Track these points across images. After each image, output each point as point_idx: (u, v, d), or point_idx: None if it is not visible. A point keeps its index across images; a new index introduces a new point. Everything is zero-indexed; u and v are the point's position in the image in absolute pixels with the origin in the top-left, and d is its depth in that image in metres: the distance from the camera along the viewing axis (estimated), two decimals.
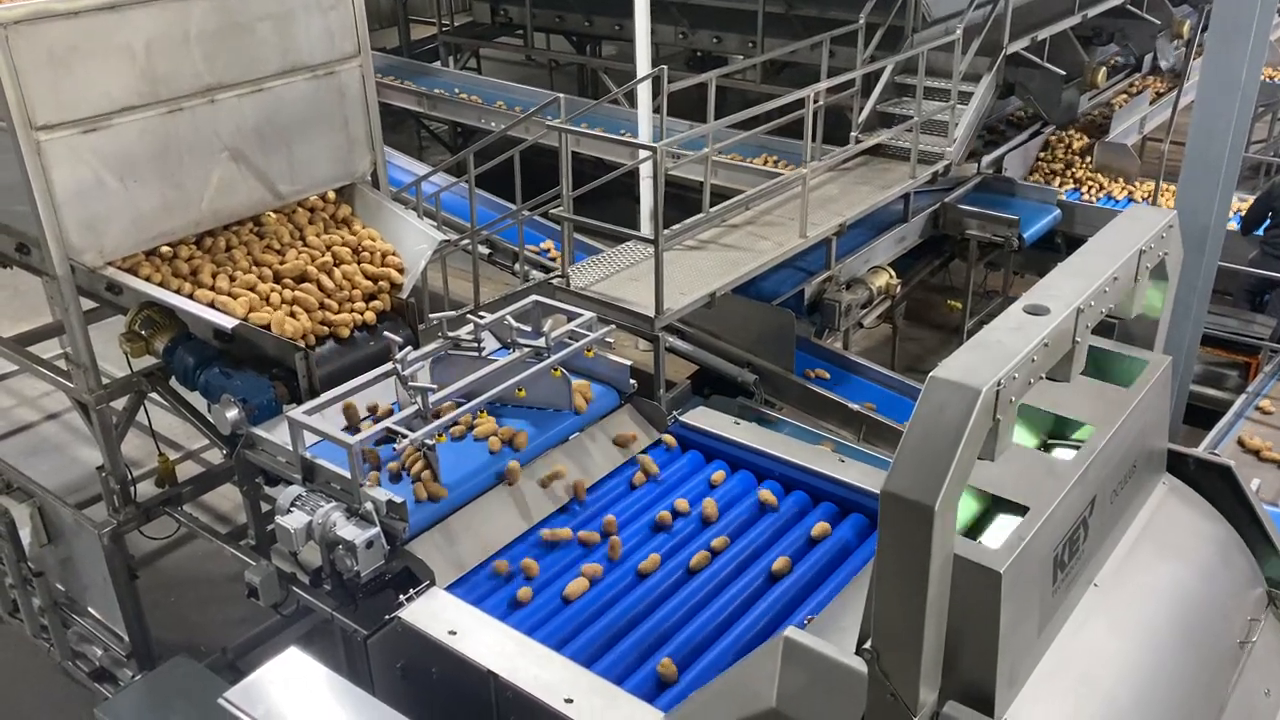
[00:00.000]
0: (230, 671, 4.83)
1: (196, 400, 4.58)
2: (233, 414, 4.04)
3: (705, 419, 4.39)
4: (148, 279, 4.33)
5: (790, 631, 2.43)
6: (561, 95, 6.19)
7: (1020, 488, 2.42)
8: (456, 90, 10.54)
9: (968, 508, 2.60)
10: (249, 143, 4.63)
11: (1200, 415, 6.65)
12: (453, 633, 3.24)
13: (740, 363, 6.46)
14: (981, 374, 2.04)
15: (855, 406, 6.10)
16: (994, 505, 2.60)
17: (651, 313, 5.43)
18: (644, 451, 4.23)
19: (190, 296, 4.32)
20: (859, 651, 2.25)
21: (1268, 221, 7.86)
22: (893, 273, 7.18)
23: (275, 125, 4.70)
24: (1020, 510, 2.37)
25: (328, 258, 4.65)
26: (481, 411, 3.98)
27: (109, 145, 4.18)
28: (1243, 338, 7.26)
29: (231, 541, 4.80)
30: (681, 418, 4.38)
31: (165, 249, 4.46)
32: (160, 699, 4.06)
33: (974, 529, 2.58)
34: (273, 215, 4.81)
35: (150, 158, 4.31)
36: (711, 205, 6.28)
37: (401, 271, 4.69)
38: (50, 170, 4.04)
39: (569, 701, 2.98)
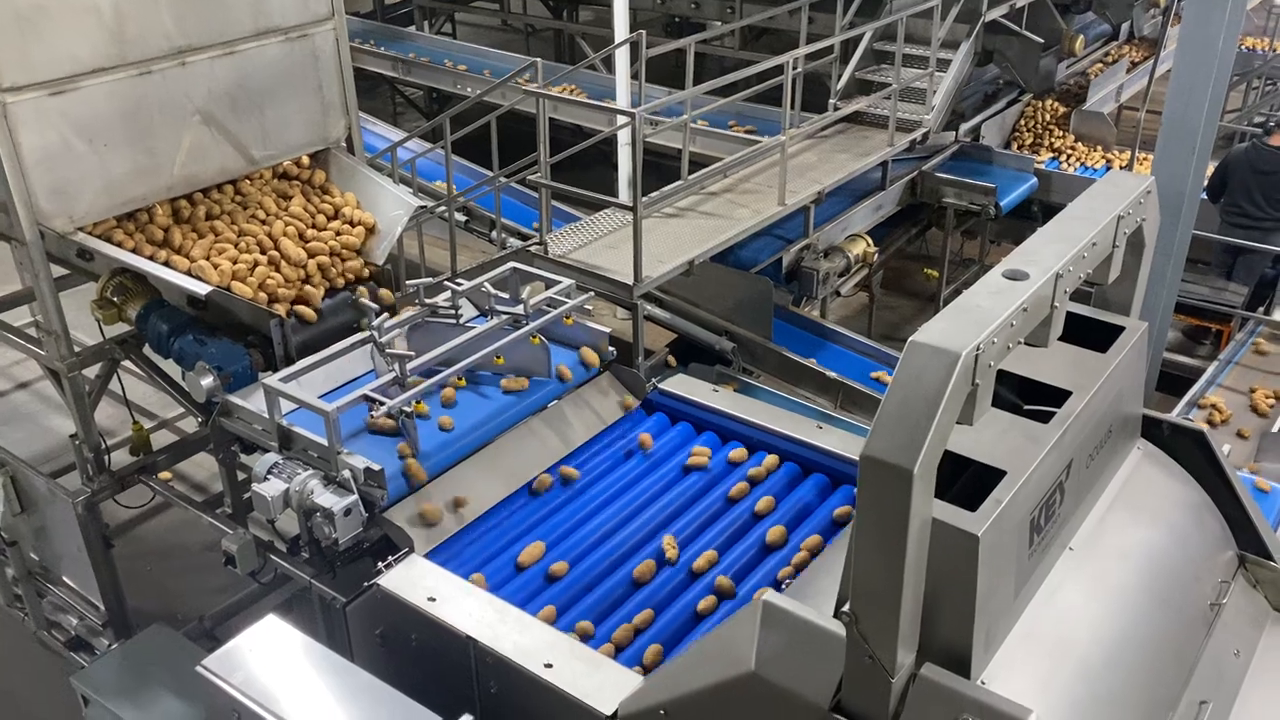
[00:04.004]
0: (208, 640, 4.83)
1: (171, 368, 4.54)
2: (207, 381, 4.00)
3: (684, 386, 4.39)
4: (120, 245, 4.27)
5: (768, 595, 2.44)
6: (539, 60, 6.13)
7: (997, 452, 2.44)
8: (446, 61, 10.38)
9: None
10: (221, 106, 4.55)
11: (1173, 382, 6.73)
12: (432, 599, 3.23)
13: (718, 331, 6.47)
14: (961, 338, 2.05)
15: (832, 374, 6.12)
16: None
17: (630, 280, 5.42)
18: (624, 419, 4.23)
19: (165, 264, 4.27)
20: (837, 614, 2.27)
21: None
22: (870, 241, 7.20)
23: (248, 89, 4.63)
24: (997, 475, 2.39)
25: (307, 225, 4.60)
26: (460, 379, 3.97)
27: (77, 108, 4.10)
28: (1215, 305, 7.33)
29: (208, 510, 4.77)
30: (661, 385, 4.38)
31: (141, 215, 4.39)
32: (137, 667, 4.05)
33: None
34: (253, 184, 4.74)
35: (120, 121, 4.24)
36: (690, 173, 6.25)
37: (374, 233, 4.65)
38: (17, 133, 3.96)
39: (549, 666, 2.99)
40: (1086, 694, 2.44)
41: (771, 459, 3.95)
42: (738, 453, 4.01)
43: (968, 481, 2.47)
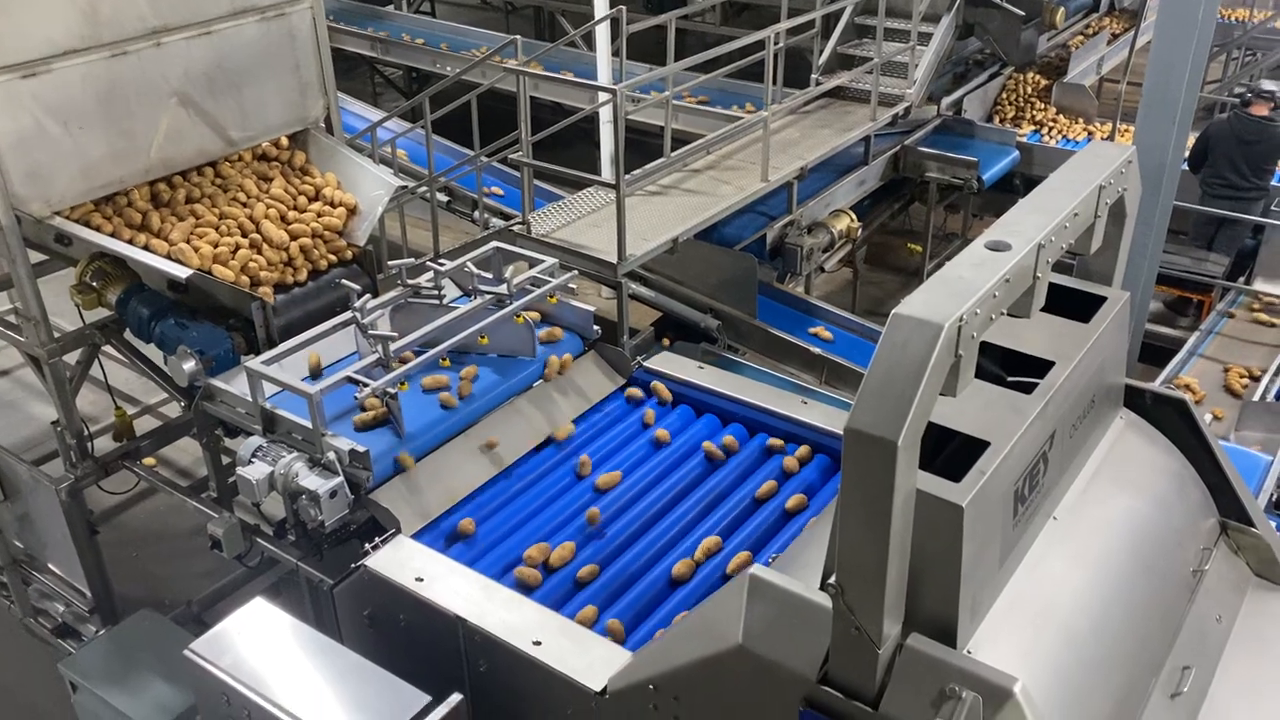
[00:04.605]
0: (196, 624, 4.82)
1: (153, 353, 4.50)
2: (189, 365, 3.98)
3: (669, 364, 4.39)
4: (98, 229, 4.23)
5: (755, 569, 2.45)
6: (519, 37, 6.07)
7: (981, 423, 2.44)
8: (422, 42, 10.30)
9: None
10: (198, 87, 4.50)
11: (1156, 353, 6.77)
12: (420, 579, 3.24)
13: (703, 308, 6.45)
14: (944, 310, 2.05)
15: (817, 350, 6.13)
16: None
17: (614, 259, 5.40)
18: (610, 397, 4.23)
19: (145, 247, 4.23)
20: (823, 587, 2.28)
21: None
22: (853, 216, 7.18)
23: (225, 69, 4.58)
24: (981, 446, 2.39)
25: (288, 207, 4.56)
26: (444, 359, 3.95)
27: (51, 91, 4.05)
28: (1197, 276, 7.37)
29: (193, 494, 4.75)
30: (645, 363, 4.38)
31: (119, 198, 4.35)
32: (125, 652, 4.04)
33: None
34: (232, 166, 4.70)
35: (95, 104, 4.19)
36: (673, 150, 6.23)
37: (356, 214, 4.62)
38: None
39: (537, 644, 3.00)
40: (1072, 661, 2.46)
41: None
42: (728, 439, 4.02)
43: (952, 453, 2.48)
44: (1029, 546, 2.57)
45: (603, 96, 6.76)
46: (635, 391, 4.26)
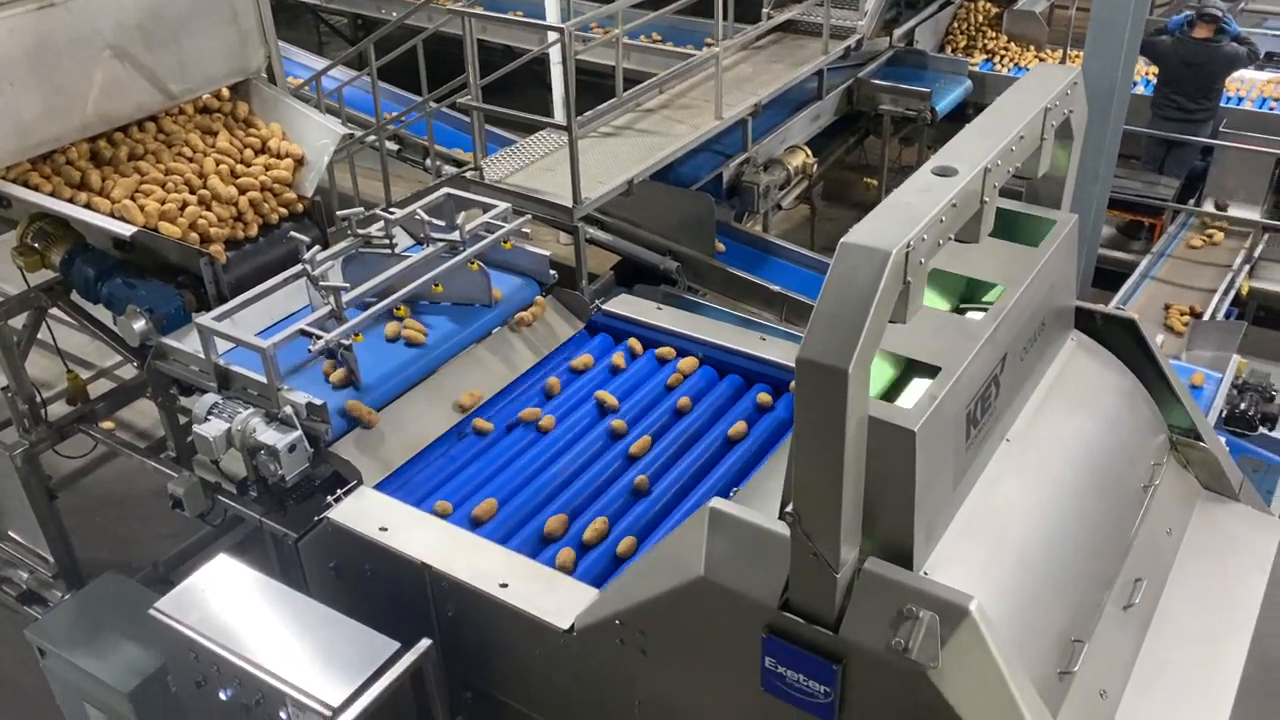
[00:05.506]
0: (164, 585, 4.79)
1: (102, 314, 4.43)
2: (139, 325, 3.92)
3: (628, 306, 4.38)
4: (37, 189, 4.12)
5: (715, 502, 2.48)
6: None
7: (932, 349, 2.47)
8: None
9: (884, 374, 2.65)
10: (132, 39, 4.37)
11: (1110, 278, 6.85)
12: (384, 529, 3.23)
13: (662, 250, 6.43)
14: (890, 237, 2.06)
15: (776, 288, 6.14)
16: (910, 369, 2.65)
17: (569, 203, 5.35)
18: (569, 342, 4.22)
19: (87, 206, 4.13)
20: (781, 516, 2.30)
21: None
22: (809, 152, 7.16)
23: (160, 20, 4.44)
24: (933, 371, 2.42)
25: (236, 160, 4.47)
26: (400, 308, 3.92)
27: None
28: (1148, 199, 7.44)
29: (152, 455, 4.70)
30: (604, 306, 4.36)
31: (58, 156, 4.24)
32: (92, 615, 4.02)
33: (892, 394, 2.64)
34: (175, 120, 4.59)
35: (25, 59, 4.05)
36: (625, 90, 6.16)
37: (303, 165, 4.53)
38: None
39: (504, 586, 3.02)
40: (1026, 578, 2.52)
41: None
42: (686, 361, 4.03)
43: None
44: (983, 469, 2.61)
45: (551, 36, 6.65)
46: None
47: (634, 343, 4.18)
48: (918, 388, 2.56)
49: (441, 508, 3.39)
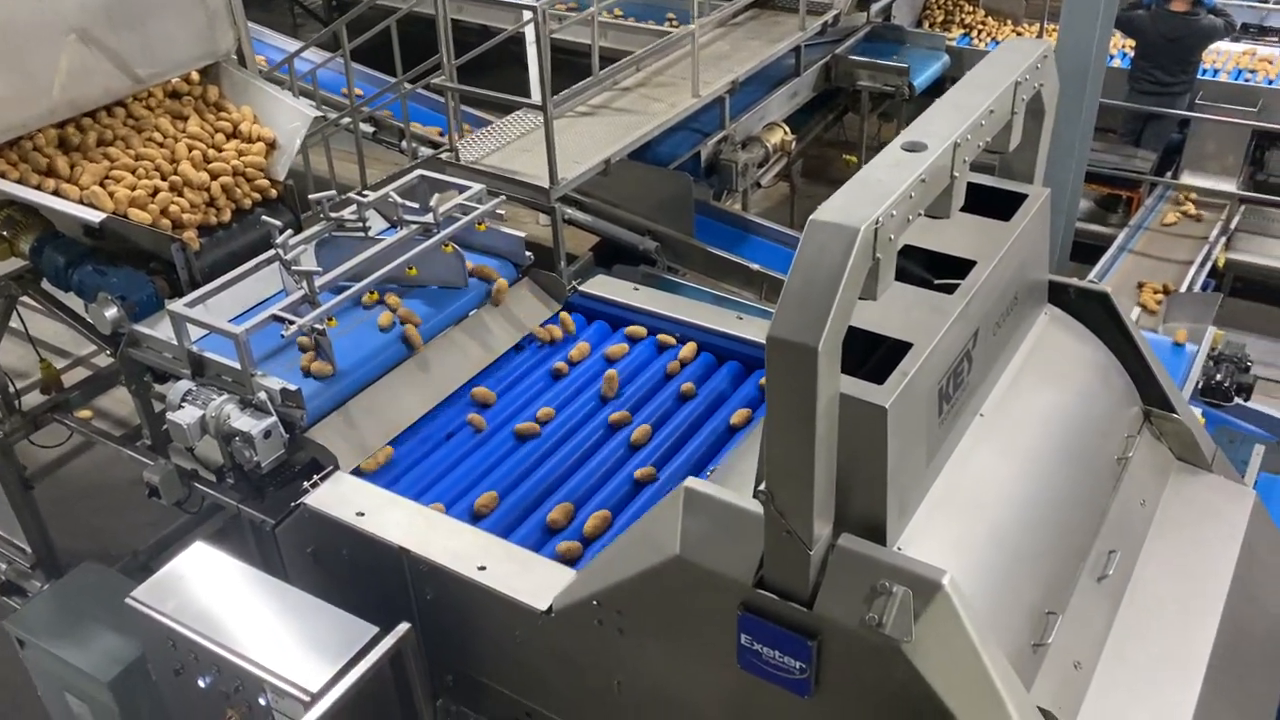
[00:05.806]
0: (143, 573, 4.74)
1: (74, 301, 4.38)
2: (111, 312, 3.88)
3: (605, 287, 4.37)
4: (3, 177, 4.07)
5: (690, 481, 2.48)
6: None
7: (903, 325, 2.47)
8: None
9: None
10: (97, 22, 4.30)
11: (1087, 251, 6.87)
12: (361, 514, 3.23)
13: (641, 230, 6.42)
14: (859, 213, 2.05)
15: (756, 267, 6.13)
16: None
17: (546, 184, 5.32)
18: (543, 324, 4.21)
19: (55, 193, 4.08)
20: (755, 494, 2.30)
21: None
22: (787, 129, 7.14)
23: (125, 2, 4.38)
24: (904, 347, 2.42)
25: (207, 145, 4.42)
26: (372, 293, 3.90)
27: None
28: (1125, 173, 7.45)
29: (127, 444, 4.68)
30: (581, 287, 4.35)
31: (24, 143, 4.18)
32: (71, 605, 4.00)
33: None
34: (144, 105, 4.53)
35: None
36: (601, 68, 6.12)
37: (275, 148, 4.49)
38: None
39: (482, 569, 3.01)
40: (1000, 551, 2.53)
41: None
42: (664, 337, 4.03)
43: (882, 357, 2.51)
44: (956, 444, 2.62)
45: (526, 15, 6.59)
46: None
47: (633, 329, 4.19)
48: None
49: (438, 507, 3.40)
